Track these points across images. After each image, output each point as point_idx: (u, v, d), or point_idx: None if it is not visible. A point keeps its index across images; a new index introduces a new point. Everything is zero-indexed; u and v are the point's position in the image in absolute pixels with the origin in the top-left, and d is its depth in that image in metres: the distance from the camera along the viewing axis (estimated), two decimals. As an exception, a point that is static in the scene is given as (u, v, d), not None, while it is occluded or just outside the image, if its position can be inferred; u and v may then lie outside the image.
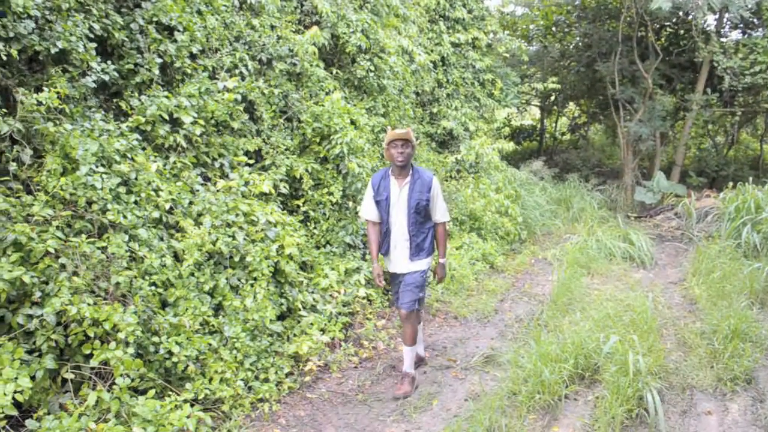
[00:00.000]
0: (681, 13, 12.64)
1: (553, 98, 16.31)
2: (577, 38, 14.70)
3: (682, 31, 13.41)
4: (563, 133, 17.75)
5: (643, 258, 7.86)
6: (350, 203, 5.88)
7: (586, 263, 7.34)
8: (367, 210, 4.08)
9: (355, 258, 5.70)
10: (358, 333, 5.07)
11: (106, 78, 3.96)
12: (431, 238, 4.04)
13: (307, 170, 5.44)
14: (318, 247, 5.53)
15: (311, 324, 4.56)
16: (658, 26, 13.36)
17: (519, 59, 13.67)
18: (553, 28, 15.00)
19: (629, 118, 12.53)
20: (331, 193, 5.60)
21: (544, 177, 12.00)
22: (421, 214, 3.95)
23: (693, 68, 12.90)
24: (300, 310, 4.65)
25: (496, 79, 11.61)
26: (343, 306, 5.15)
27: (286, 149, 5.45)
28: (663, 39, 13.61)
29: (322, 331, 4.67)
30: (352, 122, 6.04)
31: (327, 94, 6.20)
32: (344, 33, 6.62)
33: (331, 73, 6.74)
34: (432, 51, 9.92)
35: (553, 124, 17.87)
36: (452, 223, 7.93)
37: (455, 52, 10.67)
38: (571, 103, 16.85)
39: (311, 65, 6.08)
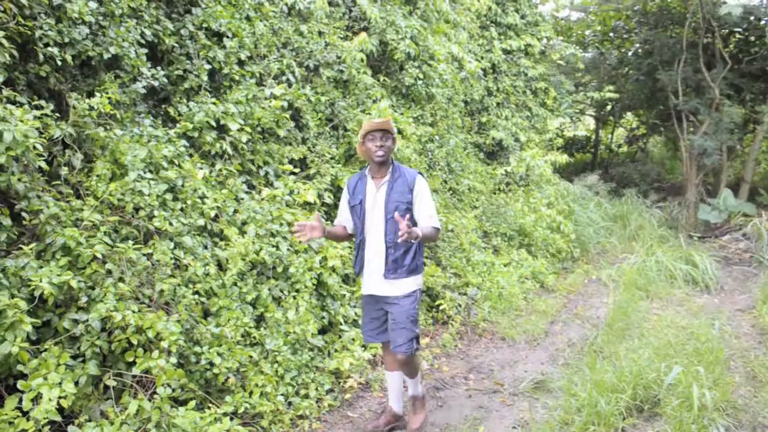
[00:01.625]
0: (752, 18, 12.19)
1: (609, 108, 15.97)
2: (637, 45, 14.37)
3: (753, 38, 12.93)
4: (620, 145, 17.34)
5: (707, 282, 7.55)
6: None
7: (644, 285, 7.11)
8: (339, 218, 3.58)
9: (398, 272, 5.69)
10: (401, 351, 5.04)
11: (156, 84, 4.11)
12: (416, 253, 3.38)
13: (351, 180, 5.49)
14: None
15: (353, 339, 4.56)
16: (726, 32, 12.92)
17: (573, 67, 13.48)
18: (611, 34, 14.72)
19: (693, 131, 12.13)
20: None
21: (599, 192, 11.75)
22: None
23: (765, 77, 12.40)
24: (341, 324, 4.67)
25: (549, 88, 11.48)
26: (386, 322, 5.14)
27: (331, 158, 5.51)
28: (732, 46, 13.15)
29: (364, 347, 4.67)
30: (399, 131, 6.07)
31: (374, 102, 6.26)
32: (393, 39, 6.68)
33: (379, 80, 6.80)
34: (482, 58, 9.90)
35: (609, 136, 17.48)
36: (500, 238, 7.85)
37: (507, 60, 10.61)
38: (628, 114, 16.46)
39: (359, 72, 6.15)
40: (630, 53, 14.68)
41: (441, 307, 5.74)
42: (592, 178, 12.22)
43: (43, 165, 3.20)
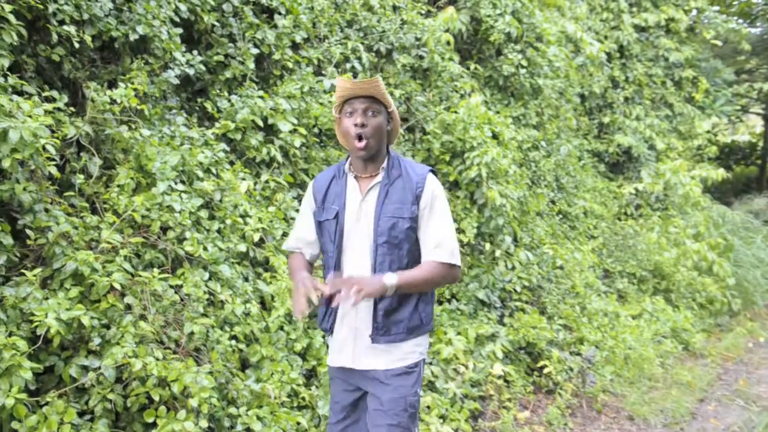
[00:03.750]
0: None
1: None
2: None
3: None
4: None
5: None
6: (486, 245, 5.85)
7: (835, 353, 6.71)
8: (295, 236, 3.01)
9: (489, 321, 5.63)
10: (492, 426, 4.97)
11: (191, 72, 4.28)
12: (420, 300, 2.80)
13: (431, 197, 5.50)
14: (440, 302, 5.53)
15: (428, 407, 4.54)
16: None
17: (735, 48, 13.05)
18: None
19: None
20: (461, 230, 5.60)
21: (769, 220, 11.28)
22: (399, 245, 2.72)
23: None
24: (413, 387, 4.65)
25: (698, 77, 11.16)
26: (472, 386, 5.08)
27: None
28: None
29: (442, 418, 4.62)
30: (494, 135, 6.04)
31: (462, 96, 6.27)
32: (488, 16, 6.70)
33: (468, 69, 6.82)
34: (606, 38, 9.76)
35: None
36: (627, 280, 7.63)
37: (640, 39, 10.42)
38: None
39: (443, 58, 6.20)
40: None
41: (545, 371, 5.61)
42: (759, 201, 11.73)
43: (54, 171, 3.37)
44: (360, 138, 2.66)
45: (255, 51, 4.62)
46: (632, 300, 7.43)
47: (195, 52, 4.37)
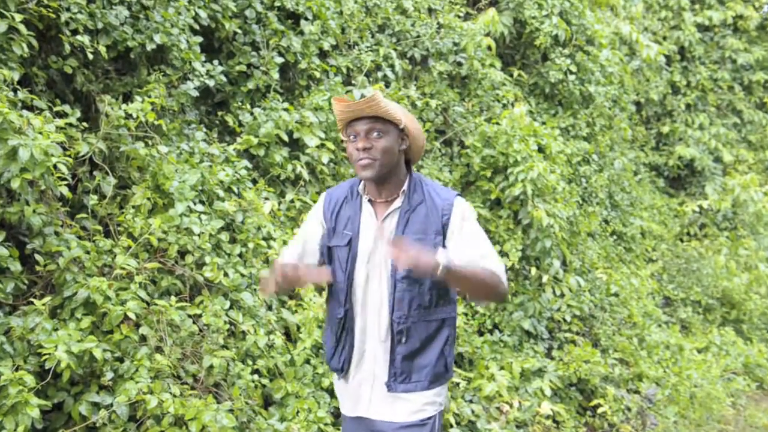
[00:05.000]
0: None
1: None
2: None
3: None
4: None
5: None
6: (532, 270, 5.82)
7: None
8: (291, 251, 2.82)
9: (536, 354, 5.60)
10: (540, 473, 4.93)
11: (211, 83, 4.36)
12: (447, 342, 2.74)
13: (471, 217, 5.50)
14: (481, 333, 5.51)
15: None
16: None
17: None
18: None
19: None
20: (504, 253, 5.58)
21: None
22: (420, 280, 2.63)
23: None
24: (452, 426, 4.63)
25: (771, 82, 11.03)
26: (517, 427, 5.05)
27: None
28: None
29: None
30: (540, 149, 6.04)
31: (504, 106, 6.28)
32: (533, 18, 6.72)
33: (511, 76, 6.84)
34: (665, 38, 9.72)
35: None
36: (692, 308, 7.53)
37: (703, 40, 10.35)
38: None
39: (483, 65, 6.22)
40: None
41: (600, 410, 5.55)
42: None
43: (65, 191, 3.45)
44: (363, 164, 2.54)
45: (279, 60, 4.68)
46: (697, 331, 7.32)
47: (215, 61, 4.45)
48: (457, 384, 4.86)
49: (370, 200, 2.70)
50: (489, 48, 6.21)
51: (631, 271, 7.14)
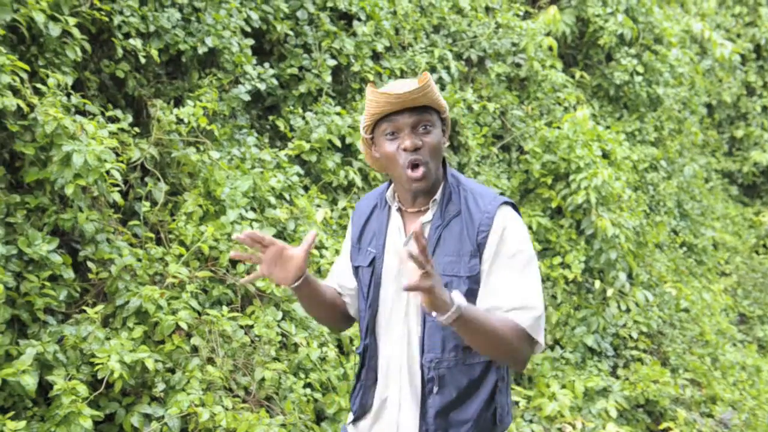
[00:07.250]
0: None
1: None
2: None
3: None
4: None
5: None
6: (596, 283, 5.80)
7: None
8: (334, 278, 2.51)
9: (600, 372, 5.56)
10: (605, 499, 4.90)
11: (262, 87, 4.46)
12: (497, 387, 2.24)
13: (530, 227, 5.50)
14: (542, 350, 5.51)
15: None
16: None
17: None
18: None
19: None
20: (566, 265, 5.57)
21: None
22: None
23: None
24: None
25: None
26: (581, 450, 5.04)
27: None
28: None
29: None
30: (605, 155, 6.01)
31: (566, 110, 6.27)
32: (597, 16, 6.71)
33: (574, 77, 6.83)
34: (740, 36, 9.59)
35: None
36: (759, 344, 7.40)
37: (781, 38, 10.19)
38: None
39: (544, 66, 6.23)
40: None
41: (670, 434, 5.51)
42: None
43: (118, 198, 3.56)
44: (415, 166, 2.11)
45: (332, 62, 4.77)
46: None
47: (266, 64, 4.55)
48: (517, 403, 4.87)
49: (399, 209, 2.29)
50: (550, 48, 6.22)
51: (703, 286, 7.05)
